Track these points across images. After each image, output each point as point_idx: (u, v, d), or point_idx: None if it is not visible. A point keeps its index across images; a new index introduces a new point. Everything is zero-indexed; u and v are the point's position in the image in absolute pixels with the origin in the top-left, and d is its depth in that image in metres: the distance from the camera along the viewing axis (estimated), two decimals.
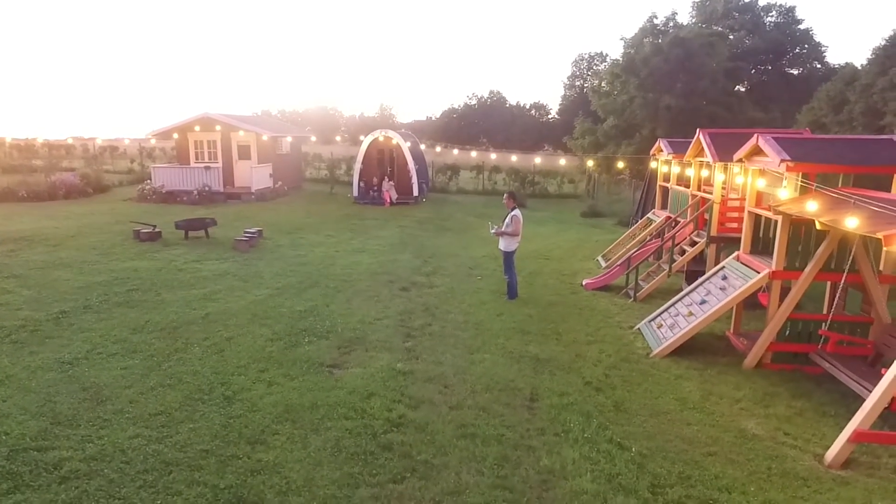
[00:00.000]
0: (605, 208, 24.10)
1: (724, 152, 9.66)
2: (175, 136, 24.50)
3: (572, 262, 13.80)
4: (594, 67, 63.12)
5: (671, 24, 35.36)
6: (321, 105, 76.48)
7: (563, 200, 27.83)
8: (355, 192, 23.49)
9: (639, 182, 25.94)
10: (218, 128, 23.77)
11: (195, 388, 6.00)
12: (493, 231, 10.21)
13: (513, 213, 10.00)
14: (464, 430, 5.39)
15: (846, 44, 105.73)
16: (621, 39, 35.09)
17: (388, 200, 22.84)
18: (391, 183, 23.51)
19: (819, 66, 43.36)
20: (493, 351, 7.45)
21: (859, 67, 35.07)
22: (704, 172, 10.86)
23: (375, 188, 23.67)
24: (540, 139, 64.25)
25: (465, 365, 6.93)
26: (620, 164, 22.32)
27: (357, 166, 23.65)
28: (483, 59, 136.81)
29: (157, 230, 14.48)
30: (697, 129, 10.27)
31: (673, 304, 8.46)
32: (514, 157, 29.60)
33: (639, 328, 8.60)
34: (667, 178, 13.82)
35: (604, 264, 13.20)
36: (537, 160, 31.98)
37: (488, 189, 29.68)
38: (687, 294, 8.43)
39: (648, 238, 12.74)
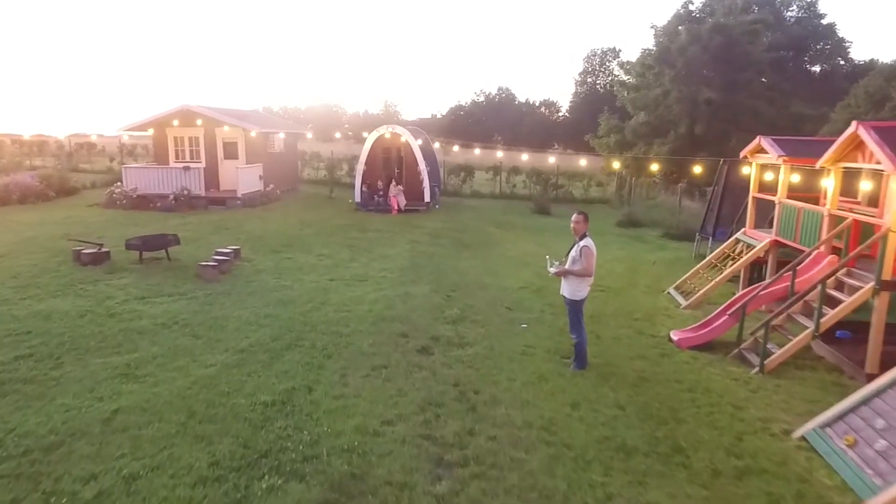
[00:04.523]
0: (644, 216, 20.88)
1: None
2: (150, 131, 21.36)
3: (636, 296, 10.60)
4: (607, 63, 60.25)
5: (708, 9, 32.03)
6: (324, 102, 73.55)
7: (590, 206, 24.53)
8: (357, 198, 20.26)
9: (674, 187, 22.75)
10: (199, 122, 20.58)
11: None
12: (553, 270, 7.00)
13: (583, 245, 6.81)
14: None
15: (872, 40, 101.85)
16: (651, 27, 31.68)
17: (396, 207, 19.62)
18: (399, 187, 20.22)
19: (843, 62, 40.10)
20: None
21: (881, 63, 31.97)
22: (866, 185, 7.57)
23: (381, 193, 20.47)
24: (549, 137, 61.16)
25: None
26: (698, 170, 18.73)
27: (360, 168, 20.46)
28: (491, 56, 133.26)
29: (103, 250, 11.33)
30: (854, 123, 7.02)
31: (867, 402, 5.22)
32: (539, 158, 26.41)
33: (805, 436, 5.39)
34: (763, 188, 10.58)
35: (683, 302, 9.98)
36: (583, 162, 28.35)
37: (506, 192, 26.55)
38: (893, 386, 5.19)
39: (753, 268, 9.49)
